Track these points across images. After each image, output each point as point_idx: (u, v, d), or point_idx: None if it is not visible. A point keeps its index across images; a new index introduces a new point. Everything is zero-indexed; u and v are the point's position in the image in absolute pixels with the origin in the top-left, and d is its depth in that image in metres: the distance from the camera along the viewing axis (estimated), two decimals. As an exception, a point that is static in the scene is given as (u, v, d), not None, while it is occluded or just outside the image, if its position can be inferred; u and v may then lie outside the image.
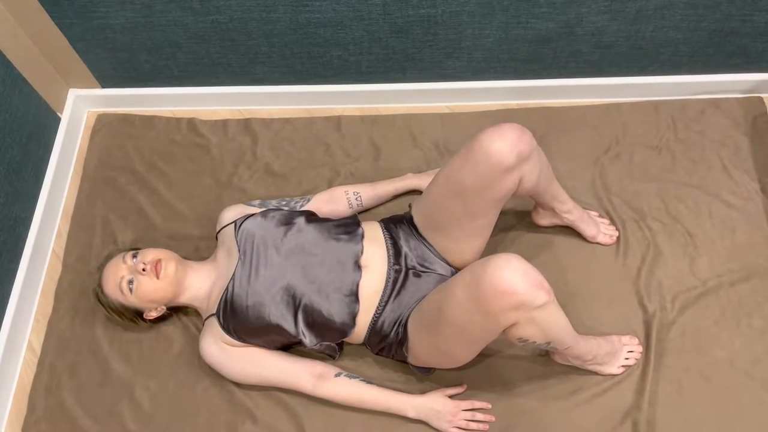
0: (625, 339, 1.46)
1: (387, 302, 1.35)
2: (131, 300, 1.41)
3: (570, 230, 1.57)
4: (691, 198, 1.63)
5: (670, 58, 1.66)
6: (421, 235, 1.42)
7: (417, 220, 1.43)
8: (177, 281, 1.42)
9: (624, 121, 1.74)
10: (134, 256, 1.41)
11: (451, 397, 1.42)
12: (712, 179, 1.65)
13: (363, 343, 1.41)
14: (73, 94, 1.81)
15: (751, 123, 1.71)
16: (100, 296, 1.44)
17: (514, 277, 1.06)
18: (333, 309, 1.33)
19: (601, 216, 1.62)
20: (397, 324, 1.35)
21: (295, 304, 1.34)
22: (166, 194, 1.72)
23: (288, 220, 1.41)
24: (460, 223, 1.34)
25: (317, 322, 1.34)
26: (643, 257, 1.56)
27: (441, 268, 1.41)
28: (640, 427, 1.37)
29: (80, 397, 1.49)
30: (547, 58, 1.66)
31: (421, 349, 1.31)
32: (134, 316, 1.46)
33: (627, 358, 1.45)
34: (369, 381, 1.42)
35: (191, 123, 1.82)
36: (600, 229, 1.58)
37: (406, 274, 1.38)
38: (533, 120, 1.74)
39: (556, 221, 1.57)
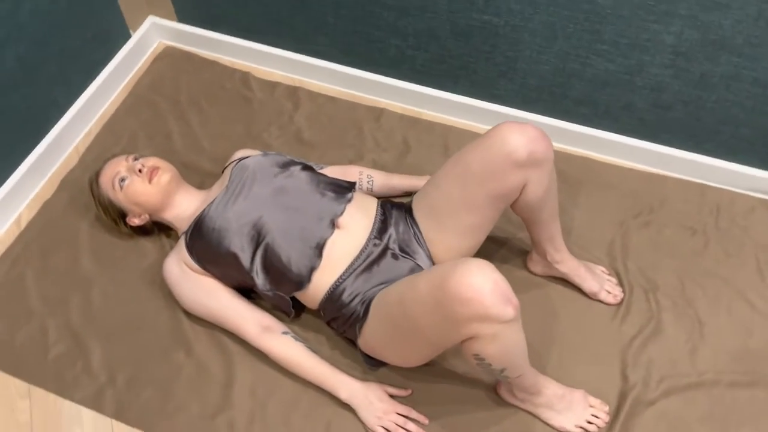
0: (594, 401, 1.32)
1: (354, 271, 1.28)
2: (119, 197, 1.42)
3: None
4: (712, 287, 1.50)
5: (729, 139, 1.57)
6: (414, 221, 1.36)
7: (415, 204, 1.37)
8: (166, 193, 1.42)
9: (665, 194, 1.65)
10: (136, 158, 1.43)
11: (391, 397, 1.32)
12: (742, 277, 1.51)
13: (318, 308, 1.34)
14: (151, 20, 1.91)
15: (803, 235, 1.58)
16: (93, 186, 1.46)
17: (484, 285, 0.97)
18: (293, 257, 1.28)
19: (610, 274, 1.51)
20: (358, 299, 1.27)
21: (258, 240, 1.30)
22: (197, 129, 1.76)
23: (285, 164, 1.39)
24: (455, 212, 1.27)
25: (274, 266, 1.29)
26: (641, 328, 1.43)
27: (422, 260, 1.34)
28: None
29: (41, 277, 1.49)
30: (601, 104, 1.61)
31: (374, 335, 1.23)
32: (117, 216, 1.47)
33: (589, 422, 1.31)
34: (313, 349, 1.35)
35: (245, 76, 1.87)
36: (603, 287, 1.47)
37: (384, 252, 1.31)
38: (572, 166, 1.68)
39: (549, 272, 1.47)
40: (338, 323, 1.32)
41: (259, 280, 1.31)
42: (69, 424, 1.32)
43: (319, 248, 1.28)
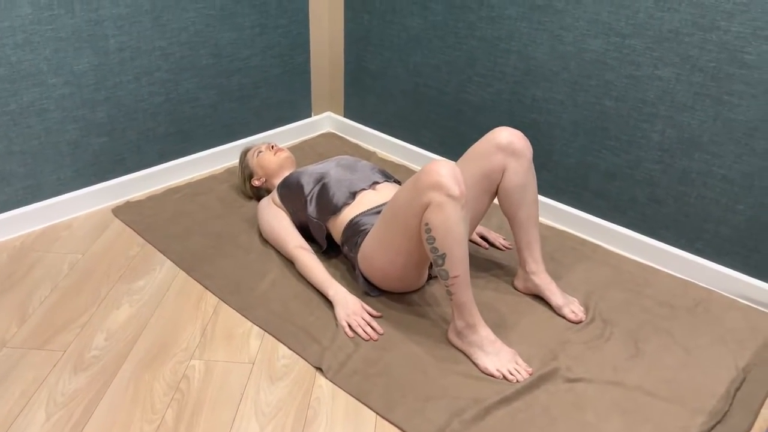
0: (521, 362, 1.55)
1: (372, 212, 1.79)
2: (253, 162, 2.17)
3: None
4: (667, 340, 1.67)
5: (713, 239, 1.84)
6: None
7: None
8: (281, 165, 2.13)
9: (652, 280, 1.90)
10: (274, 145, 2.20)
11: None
12: (699, 345, 1.67)
13: (340, 236, 1.82)
14: (328, 113, 2.83)
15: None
16: (242, 154, 2.23)
17: (444, 167, 1.44)
18: (336, 194, 1.84)
19: (580, 304, 1.77)
20: (367, 227, 1.75)
21: (319, 180, 1.90)
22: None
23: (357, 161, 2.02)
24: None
25: (322, 198, 1.85)
26: (588, 341, 1.65)
27: None
28: None
29: (191, 198, 2.23)
30: (611, 196, 2.02)
31: (368, 242, 1.68)
32: (247, 177, 2.19)
33: (510, 372, 1.53)
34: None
35: (370, 154, 2.63)
36: (569, 304, 1.74)
37: None
38: (585, 247, 2.04)
39: (528, 286, 1.80)
40: (349, 244, 1.78)
41: (311, 207, 1.87)
42: (155, 263, 1.91)
43: (355, 194, 1.84)
